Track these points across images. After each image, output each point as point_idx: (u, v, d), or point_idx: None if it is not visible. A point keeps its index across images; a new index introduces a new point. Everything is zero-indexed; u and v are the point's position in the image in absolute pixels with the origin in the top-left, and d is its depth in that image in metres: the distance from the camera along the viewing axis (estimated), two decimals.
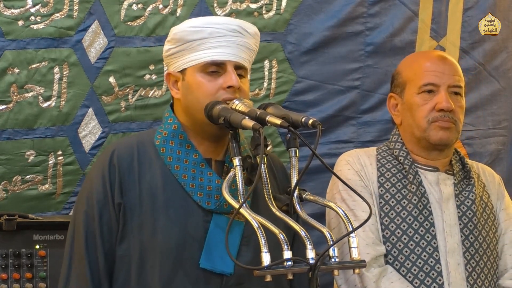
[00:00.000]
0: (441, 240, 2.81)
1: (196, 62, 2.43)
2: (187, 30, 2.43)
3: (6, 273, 3.00)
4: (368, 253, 2.75)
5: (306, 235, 2.17)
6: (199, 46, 2.42)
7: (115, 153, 2.46)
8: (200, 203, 2.42)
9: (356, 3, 3.81)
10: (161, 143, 2.47)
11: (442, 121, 2.85)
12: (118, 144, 2.51)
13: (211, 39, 2.41)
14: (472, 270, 2.81)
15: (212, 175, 2.44)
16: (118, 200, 2.42)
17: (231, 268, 2.39)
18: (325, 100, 3.82)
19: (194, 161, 2.45)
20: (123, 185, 2.43)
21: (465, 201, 2.88)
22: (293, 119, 2.29)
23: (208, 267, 2.39)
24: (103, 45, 3.48)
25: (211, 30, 2.41)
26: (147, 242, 2.41)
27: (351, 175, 2.86)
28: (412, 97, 2.89)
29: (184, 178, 2.43)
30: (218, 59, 2.42)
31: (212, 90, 2.41)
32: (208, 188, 2.42)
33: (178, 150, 2.46)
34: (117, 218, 2.43)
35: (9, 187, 3.39)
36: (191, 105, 2.45)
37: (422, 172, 2.90)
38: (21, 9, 3.37)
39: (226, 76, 2.42)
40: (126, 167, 2.44)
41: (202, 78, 2.43)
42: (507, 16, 4.03)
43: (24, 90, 3.38)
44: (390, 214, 2.82)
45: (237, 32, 2.43)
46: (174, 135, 2.47)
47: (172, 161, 2.44)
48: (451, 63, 2.94)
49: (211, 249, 2.39)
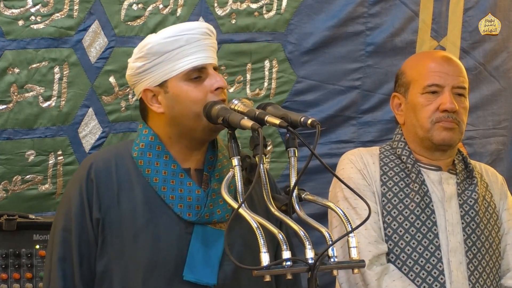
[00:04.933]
0: (443, 239, 2.81)
1: (178, 72, 2.39)
2: (162, 42, 2.39)
3: (6, 273, 3.00)
4: (370, 251, 2.76)
5: (305, 235, 2.17)
6: (178, 55, 2.39)
7: (92, 168, 2.41)
8: (181, 215, 2.38)
9: (356, 3, 3.81)
10: (138, 155, 2.42)
11: (446, 122, 2.85)
12: (95, 157, 2.46)
13: (188, 45, 2.39)
14: (474, 269, 2.81)
15: (191, 185, 2.40)
16: (96, 215, 2.38)
17: (214, 279, 2.37)
18: (326, 100, 3.82)
19: (173, 171, 2.41)
20: (101, 200, 2.38)
21: (467, 200, 2.88)
22: (292, 119, 2.29)
23: (192, 279, 2.37)
24: (103, 45, 3.48)
25: (187, 37, 2.39)
26: (129, 258, 2.37)
27: (354, 173, 2.87)
28: (416, 97, 2.90)
29: (163, 190, 2.39)
30: (199, 64, 2.40)
31: (201, 95, 2.39)
32: (188, 199, 2.39)
33: (156, 161, 2.42)
34: (95, 233, 2.39)
35: (9, 187, 3.39)
36: (180, 115, 2.41)
37: (425, 171, 2.90)
38: (21, 9, 3.37)
39: (211, 79, 2.40)
40: (104, 181, 2.39)
41: (188, 86, 2.40)
42: (507, 16, 4.03)
43: (24, 90, 3.39)
44: (393, 213, 2.82)
45: (207, 35, 2.43)
46: (151, 147, 2.43)
47: (151, 173, 2.40)
48: (456, 64, 2.94)
49: (194, 261, 2.37)
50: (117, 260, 2.38)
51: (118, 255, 2.38)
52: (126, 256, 2.38)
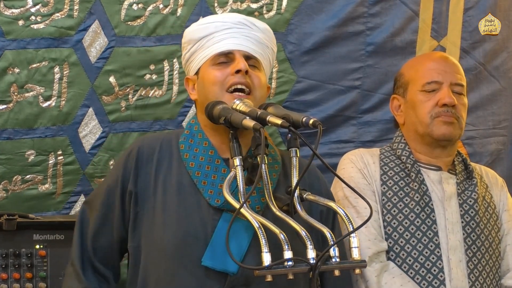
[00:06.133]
0: (443, 237, 2.82)
1: (206, 58, 2.47)
2: (195, 29, 2.50)
3: (6, 273, 3.00)
4: (370, 248, 2.77)
5: (307, 235, 2.17)
6: (208, 42, 2.47)
7: (138, 146, 2.53)
8: (209, 201, 2.42)
9: (356, 3, 3.81)
10: (182, 141, 2.51)
11: (445, 116, 2.88)
12: (145, 137, 2.62)
13: (217, 32, 2.46)
14: (474, 267, 2.82)
15: (226, 172, 2.44)
16: (130, 188, 2.48)
17: (235, 267, 2.37)
18: (326, 100, 3.81)
19: (210, 157, 2.47)
20: (138, 175, 2.48)
21: (467, 199, 2.89)
22: (294, 119, 2.29)
23: (210, 265, 2.39)
24: (103, 45, 3.48)
25: (217, 24, 2.47)
26: (156, 237, 2.43)
27: (354, 173, 2.89)
28: (415, 95, 2.92)
29: (197, 175, 2.45)
30: (225, 49, 2.46)
31: (221, 77, 2.45)
32: (220, 186, 2.42)
33: (196, 148, 2.49)
34: (127, 207, 2.48)
35: (9, 186, 3.39)
36: (205, 99, 2.47)
37: (425, 171, 2.91)
38: (22, 8, 3.37)
39: (234, 63, 2.45)
40: (145, 159, 2.50)
41: (213, 69, 2.47)
42: (507, 16, 4.03)
43: (24, 90, 3.38)
44: (393, 211, 2.83)
45: (243, 24, 2.48)
46: (194, 134, 2.51)
47: (189, 158, 2.48)
48: (453, 63, 2.99)
49: (216, 247, 2.38)
50: (145, 238, 2.45)
51: (147, 233, 2.45)
52: (153, 236, 2.44)
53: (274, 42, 2.57)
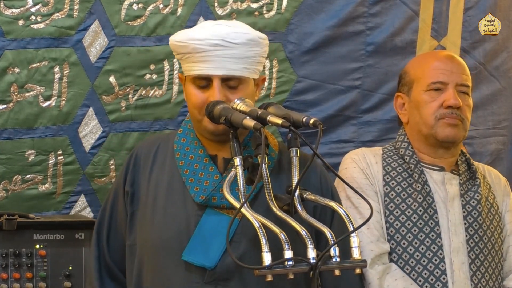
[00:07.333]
0: (446, 239, 2.81)
1: (188, 74, 2.48)
2: (175, 44, 2.48)
3: (6, 273, 2.99)
4: (372, 250, 2.76)
5: (307, 234, 2.17)
6: (188, 59, 2.46)
7: (138, 147, 2.61)
8: (194, 197, 2.45)
9: (357, 2, 3.81)
10: (176, 140, 2.56)
11: (450, 118, 2.85)
12: (148, 139, 2.72)
13: (195, 54, 2.42)
14: (477, 269, 2.81)
15: (213, 170, 2.47)
16: (127, 188, 2.54)
17: (213, 262, 2.40)
18: (326, 99, 3.81)
19: (199, 156, 2.50)
20: (135, 176, 2.55)
21: (470, 201, 2.88)
22: (294, 118, 2.29)
23: (189, 260, 2.42)
24: (103, 44, 3.48)
25: (193, 46, 2.42)
26: (146, 234, 2.48)
27: (357, 173, 2.87)
28: (419, 95, 2.90)
29: (185, 173, 2.49)
30: (203, 73, 2.43)
31: (200, 103, 2.45)
32: (206, 183, 2.46)
33: (187, 146, 2.53)
34: (126, 207, 2.55)
35: (9, 186, 3.39)
36: (190, 112, 2.53)
37: (428, 171, 2.90)
38: (22, 8, 3.37)
39: (211, 91, 2.43)
40: (142, 160, 2.56)
41: (193, 90, 2.47)
42: (507, 16, 4.03)
43: (24, 90, 3.38)
44: (395, 212, 2.82)
45: (220, 46, 2.41)
46: (187, 133, 2.56)
47: (179, 157, 2.51)
48: (459, 63, 2.95)
49: (197, 242, 2.42)
50: (138, 235, 2.51)
51: (139, 231, 2.51)
52: (144, 233, 2.49)
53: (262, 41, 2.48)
